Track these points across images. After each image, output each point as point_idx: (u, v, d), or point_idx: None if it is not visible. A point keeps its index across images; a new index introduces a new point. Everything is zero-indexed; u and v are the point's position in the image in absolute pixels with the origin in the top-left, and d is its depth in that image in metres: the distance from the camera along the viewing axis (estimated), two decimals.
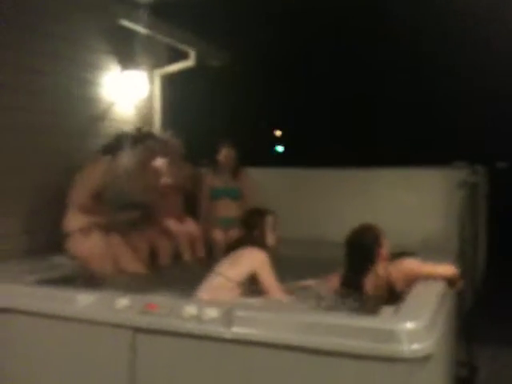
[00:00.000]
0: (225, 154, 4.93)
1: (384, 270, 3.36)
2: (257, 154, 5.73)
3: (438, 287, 3.02)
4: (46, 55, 4.26)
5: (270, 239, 3.55)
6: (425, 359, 2.26)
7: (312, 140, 17.66)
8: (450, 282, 3.23)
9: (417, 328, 2.28)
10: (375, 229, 3.49)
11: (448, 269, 3.27)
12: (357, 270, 3.42)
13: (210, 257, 4.61)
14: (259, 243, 3.46)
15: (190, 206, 4.96)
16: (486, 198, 4.87)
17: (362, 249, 3.42)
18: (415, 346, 2.23)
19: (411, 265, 3.31)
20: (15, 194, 3.95)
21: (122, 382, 2.62)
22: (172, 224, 4.62)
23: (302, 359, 2.35)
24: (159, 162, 4.78)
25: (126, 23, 5.02)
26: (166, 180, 4.62)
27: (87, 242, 3.82)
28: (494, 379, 4.08)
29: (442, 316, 2.67)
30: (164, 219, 4.57)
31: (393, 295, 3.31)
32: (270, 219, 3.59)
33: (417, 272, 3.23)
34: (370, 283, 3.37)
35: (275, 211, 3.69)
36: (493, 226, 5.02)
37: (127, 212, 4.26)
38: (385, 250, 3.43)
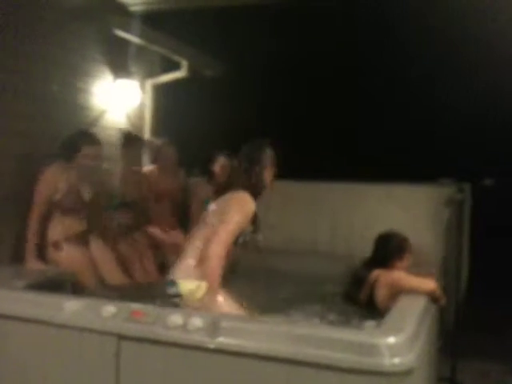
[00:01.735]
0: (221, 164, 4.84)
1: (376, 276, 3.43)
2: None
3: (421, 302, 3.06)
4: (40, 62, 4.28)
5: (270, 179, 3.23)
6: (406, 373, 2.29)
7: (303, 152, 17.70)
8: (433, 297, 3.28)
9: (399, 342, 2.31)
10: (405, 241, 3.63)
11: (432, 285, 3.33)
12: (371, 264, 3.59)
13: None
14: (257, 185, 3.15)
15: (181, 217, 4.96)
16: (471, 216, 4.93)
17: (383, 248, 3.60)
18: (396, 360, 2.26)
19: (399, 276, 3.37)
20: (4, 202, 3.95)
21: None
22: (159, 233, 4.63)
23: (284, 370, 2.37)
24: (152, 169, 4.82)
25: (119, 33, 5.06)
26: (158, 187, 4.63)
27: (61, 257, 3.78)
28: None
29: (424, 330, 2.71)
30: (152, 228, 4.58)
31: (369, 304, 3.38)
32: (269, 153, 3.26)
33: (403, 283, 3.29)
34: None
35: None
36: (476, 244, 5.08)
37: (121, 213, 4.25)
38: (402, 264, 3.54)
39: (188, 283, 2.90)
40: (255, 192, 3.13)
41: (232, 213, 3.01)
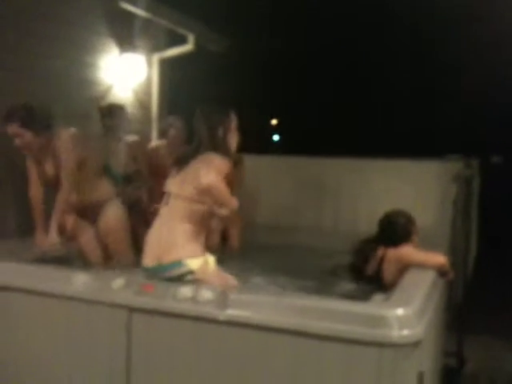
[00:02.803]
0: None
1: (384, 251, 3.43)
2: (253, 142, 5.74)
3: (429, 276, 3.07)
4: (45, 37, 4.26)
5: (234, 143, 3.06)
6: (414, 345, 2.30)
7: (308, 129, 17.66)
8: (441, 272, 3.28)
9: (407, 314, 2.32)
10: (411, 223, 3.59)
11: (441, 259, 3.33)
12: (377, 243, 3.55)
13: None
14: (223, 148, 2.95)
15: None
16: (479, 192, 4.92)
17: (389, 232, 3.54)
18: (405, 332, 2.27)
19: (407, 251, 3.37)
20: (12, 177, 3.96)
21: (118, 361, 2.66)
22: None
23: (293, 342, 2.39)
24: (160, 144, 4.79)
25: (125, 6, 5.01)
26: (163, 162, 4.60)
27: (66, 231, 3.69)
28: (484, 370, 4.17)
29: (432, 304, 2.72)
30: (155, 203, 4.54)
31: (376, 279, 3.39)
32: (232, 117, 3.06)
33: (412, 258, 3.29)
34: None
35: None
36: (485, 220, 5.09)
37: (127, 185, 4.21)
38: (410, 243, 3.52)
39: (194, 260, 2.83)
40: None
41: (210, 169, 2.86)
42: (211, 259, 2.91)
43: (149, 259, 2.89)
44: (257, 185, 4.95)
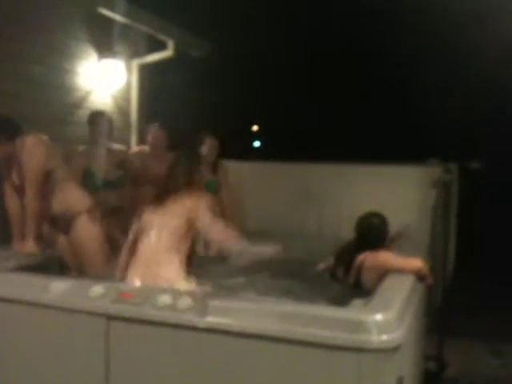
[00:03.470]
0: (209, 145, 4.72)
1: (362, 259, 3.44)
2: (234, 148, 5.75)
3: (408, 280, 3.08)
4: (24, 42, 4.22)
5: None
6: (393, 350, 2.31)
7: (289, 135, 17.68)
8: (420, 276, 3.30)
9: (386, 319, 2.33)
10: (386, 223, 3.60)
11: (419, 263, 3.35)
12: (357, 248, 3.54)
13: None
14: (192, 179, 3.22)
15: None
16: (458, 197, 4.97)
17: (368, 235, 3.55)
18: (384, 337, 2.28)
19: (385, 257, 3.38)
20: None
21: (96, 369, 2.63)
22: None
23: (273, 349, 2.39)
24: (139, 149, 4.76)
25: (104, 11, 4.98)
26: (143, 169, 4.57)
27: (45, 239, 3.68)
28: (464, 373, 4.20)
29: (411, 308, 2.74)
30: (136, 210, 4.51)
31: (357, 286, 3.41)
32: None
33: (390, 264, 3.29)
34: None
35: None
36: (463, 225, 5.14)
37: (107, 192, 4.18)
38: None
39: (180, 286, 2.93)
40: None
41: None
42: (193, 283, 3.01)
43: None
44: (240, 190, 4.95)
